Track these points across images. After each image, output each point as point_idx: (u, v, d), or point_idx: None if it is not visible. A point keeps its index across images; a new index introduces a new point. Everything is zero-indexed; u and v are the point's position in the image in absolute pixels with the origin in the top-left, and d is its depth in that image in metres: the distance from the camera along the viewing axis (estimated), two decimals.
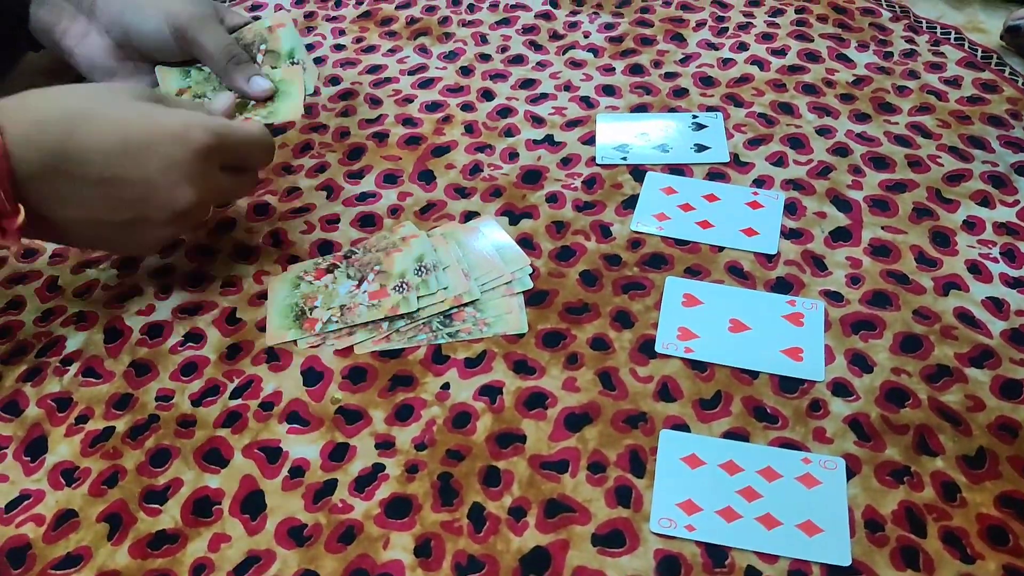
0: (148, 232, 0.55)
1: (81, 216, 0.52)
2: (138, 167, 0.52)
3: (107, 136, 0.51)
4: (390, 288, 0.61)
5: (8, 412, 0.56)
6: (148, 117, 0.54)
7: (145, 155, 0.52)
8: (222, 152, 0.56)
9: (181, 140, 0.53)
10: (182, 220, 0.55)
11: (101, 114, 0.52)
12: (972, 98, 0.78)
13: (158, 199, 0.53)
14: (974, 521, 0.48)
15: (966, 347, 0.57)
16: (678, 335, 0.58)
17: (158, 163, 0.52)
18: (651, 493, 0.50)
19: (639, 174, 0.71)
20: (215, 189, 0.57)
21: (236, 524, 0.50)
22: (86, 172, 0.50)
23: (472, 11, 0.92)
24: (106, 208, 0.52)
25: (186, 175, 0.53)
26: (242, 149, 0.58)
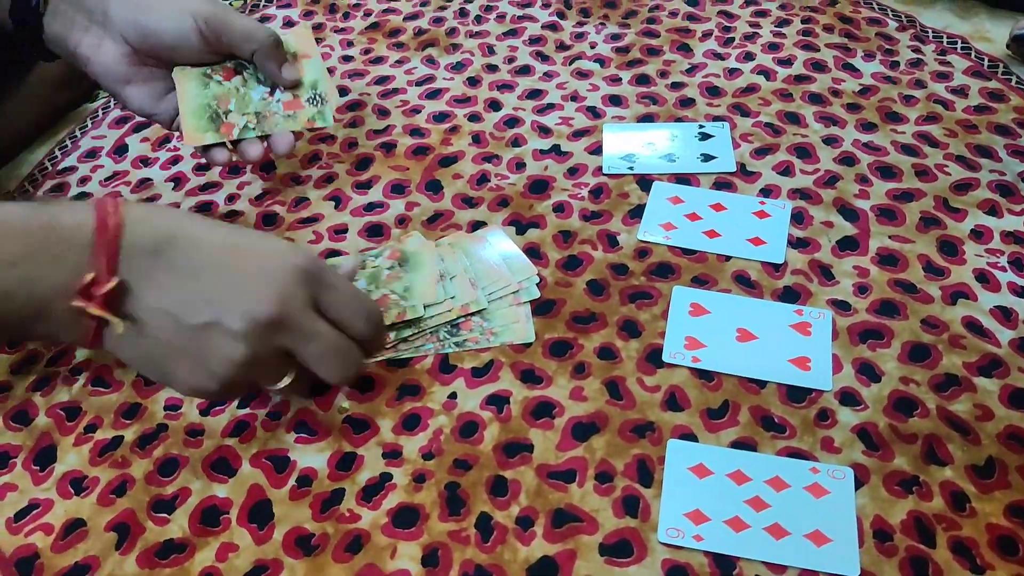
0: (218, 344, 0.48)
1: (164, 305, 0.48)
2: (232, 268, 0.49)
3: (215, 237, 0.50)
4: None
5: (17, 421, 0.56)
6: (257, 234, 0.53)
7: (242, 259, 0.49)
8: (319, 287, 0.50)
9: (280, 255, 0.50)
10: (254, 337, 0.48)
11: (219, 224, 0.52)
12: (979, 107, 0.78)
13: (238, 301, 0.48)
14: (983, 531, 0.48)
15: (974, 356, 0.57)
16: (685, 344, 0.58)
17: (250, 268, 0.49)
18: (659, 503, 0.50)
19: (646, 184, 0.71)
20: (300, 321, 0.49)
21: (244, 533, 0.50)
22: (186, 264, 0.48)
23: (479, 22, 0.93)
24: (189, 303, 0.48)
25: (273, 285, 0.48)
26: (340, 297, 0.51)
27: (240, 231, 0.52)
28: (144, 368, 0.51)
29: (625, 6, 0.94)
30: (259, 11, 0.97)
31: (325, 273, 0.51)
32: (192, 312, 0.47)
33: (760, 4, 0.93)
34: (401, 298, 0.60)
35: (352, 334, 0.51)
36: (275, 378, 0.50)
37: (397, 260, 0.63)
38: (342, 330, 0.51)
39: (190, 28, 0.62)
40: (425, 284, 0.61)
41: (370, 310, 0.53)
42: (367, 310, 0.52)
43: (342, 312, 0.51)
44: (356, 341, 0.51)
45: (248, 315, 0.47)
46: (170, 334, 0.48)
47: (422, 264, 0.62)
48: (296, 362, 0.50)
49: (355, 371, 0.52)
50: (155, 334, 0.48)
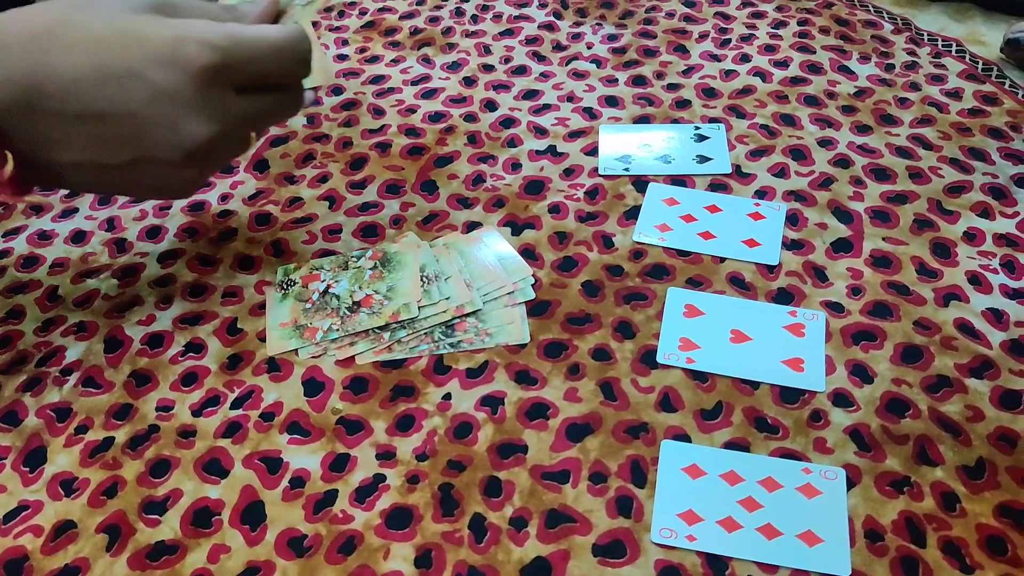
0: (167, 175, 0.45)
1: (75, 159, 0.43)
2: (121, 99, 0.42)
3: (81, 62, 0.42)
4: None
5: (7, 422, 0.56)
6: (130, 35, 0.43)
7: (127, 84, 0.42)
8: (231, 70, 0.45)
9: (171, 61, 0.42)
10: (202, 158, 0.45)
11: (76, 35, 0.43)
12: (973, 110, 0.78)
13: (157, 136, 0.43)
14: (973, 531, 0.48)
15: (966, 358, 0.57)
16: (679, 346, 0.58)
17: (144, 93, 0.42)
18: (652, 503, 0.50)
19: (641, 185, 0.71)
20: (236, 117, 0.45)
21: (236, 535, 0.50)
22: (64, 108, 0.42)
23: (475, 22, 0.93)
24: (99, 149, 0.43)
25: (186, 105, 0.43)
26: (261, 62, 0.46)
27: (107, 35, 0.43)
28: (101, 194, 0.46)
29: (622, 7, 0.94)
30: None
31: (225, 52, 0.44)
32: (110, 155, 0.43)
33: (756, 6, 0.93)
34: (385, 298, 0.60)
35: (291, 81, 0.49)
36: (241, 151, 0.48)
37: (379, 260, 0.63)
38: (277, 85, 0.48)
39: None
40: (408, 283, 0.61)
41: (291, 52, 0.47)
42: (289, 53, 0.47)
43: (275, 76, 0.47)
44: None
45: (177, 147, 0.43)
46: (99, 176, 0.45)
47: (404, 264, 0.63)
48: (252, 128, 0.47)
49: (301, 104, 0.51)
50: (84, 183, 0.45)
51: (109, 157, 0.44)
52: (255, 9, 0.51)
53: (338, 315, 0.59)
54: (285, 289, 0.62)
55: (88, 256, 0.68)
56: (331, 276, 0.63)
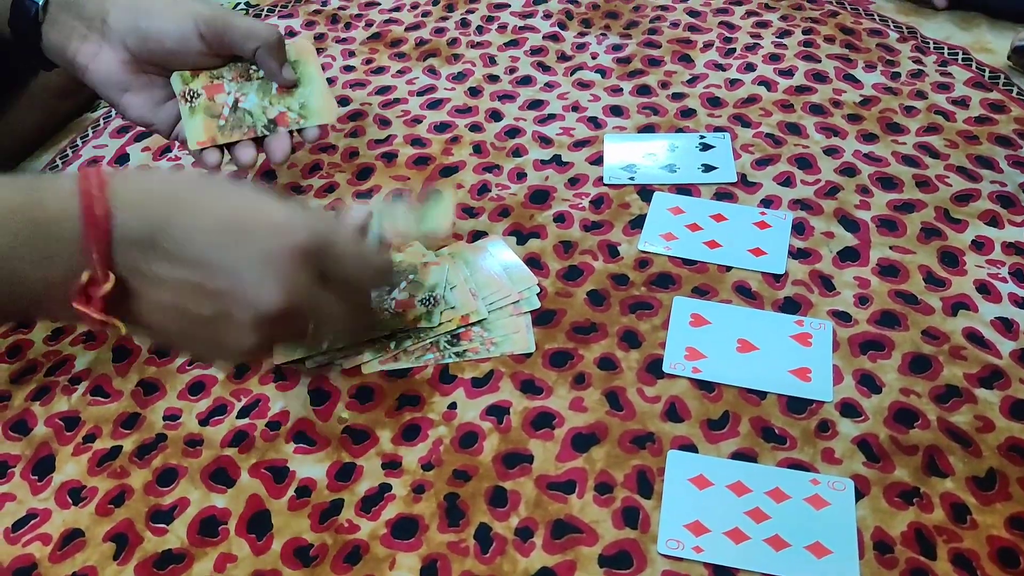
0: (230, 334, 0.47)
1: (167, 301, 0.46)
2: (231, 254, 0.46)
3: (209, 217, 0.47)
4: (418, 300, 0.61)
5: (16, 431, 0.56)
6: (254, 204, 0.49)
7: (241, 242, 0.46)
8: (324, 258, 0.48)
9: (280, 233, 0.47)
10: (267, 328, 0.47)
11: (208, 195, 0.48)
12: (980, 118, 0.78)
13: (243, 294, 0.46)
14: (984, 543, 0.48)
15: (975, 367, 0.57)
16: (686, 355, 0.58)
17: (251, 253, 0.46)
18: (659, 514, 0.50)
19: (646, 194, 0.71)
20: (309, 301, 0.48)
21: (242, 544, 0.50)
22: (183, 253, 0.46)
23: (481, 33, 0.93)
24: (192, 296, 0.46)
25: (276, 273, 0.46)
26: (349, 262, 0.51)
27: (232, 201, 0.49)
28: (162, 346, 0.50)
29: (627, 17, 0.94)
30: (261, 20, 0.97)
31: (329, 244, 0.49)
32: (196, 303, 0.46)
33: (761, 15, 0.93)
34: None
35: (363, 290, 0.53)
36: (298, 339, 0.52)
37: None
38: (352, 287, 0.51)
39: (191, 31, 0.62)
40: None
41: (376, 266, 0.53)
42: (373, 267, 0.52)
43: (349, 276, 0.51)
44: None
45: (255, 309, 0.46)
46: (178, 324, 0.47)
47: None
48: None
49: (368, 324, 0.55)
50: (161, 325, 0.47)
51: (195, 306, 0.46)
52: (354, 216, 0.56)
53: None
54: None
55: None
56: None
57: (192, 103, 0.60)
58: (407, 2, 0.99)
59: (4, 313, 0.47)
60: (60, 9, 0.62)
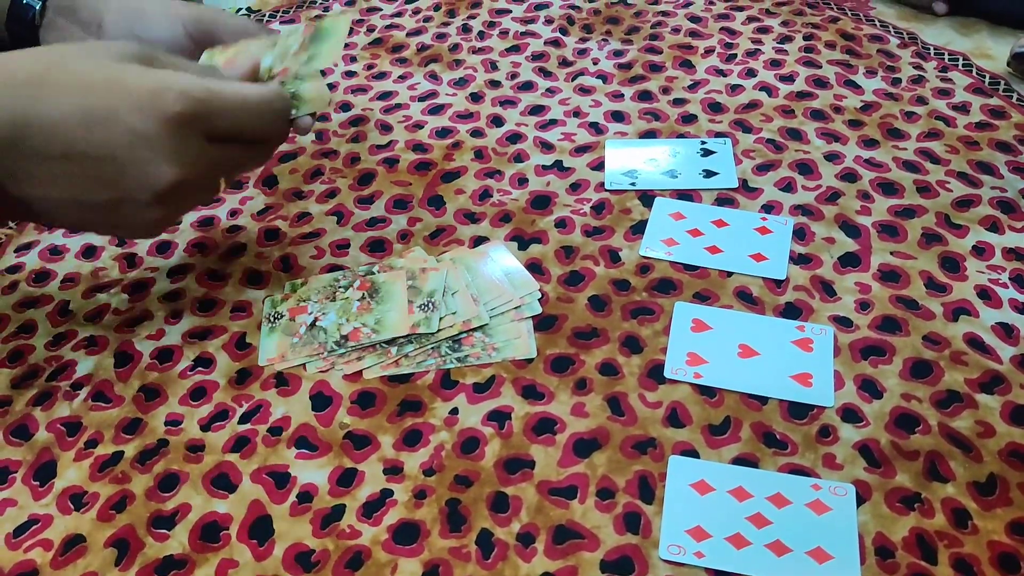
0: (137, 214, 0.47)
1: (54, 196, 0.46)
2: (102, 142, 0.45)
3: (68, 105, 0.44)
4: (416, 305, 0.61)
5: (18, 436, 0.56)
6: (116, 82, 0.46)
7: (108, 127, 0.44)
8: (205, 121, 0.47)
9: (149, 108, 0.45)
10: (172, 200, 0.47)
11: (65, 80, 0.45)
12: (980, 124, 0.78)
13: (131, 178, 0.45)
14: (985, 548, 0.48)
15: (976, 373, 0.57)
16: (687, 360, 0.58)
17: (123, 136, 0.45)
18: (660, 519, 0.50)
19: (648, 199, 0.71)
20: (206, 164, 0.48)
21: (244, 549, 0.50)
22: (49, 147, 0.44)
23: (482, 38, 0.93)
24: (78, 188, 0.45)
25: (158, 150, 0.45)
26: (236, 117, 0.49)
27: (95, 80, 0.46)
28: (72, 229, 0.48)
29: (628, 22, 0.94)
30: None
31: (208, 103, 0.47)
32: (88, 193, 0.45)
33: (762, 21, 0.93)
34: (373, 331, 0.59)
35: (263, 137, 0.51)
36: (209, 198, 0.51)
37: (367, 291, 0.63)
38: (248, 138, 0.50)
39: (182, 36, 0.62)
40: (396, 315, 0.60)
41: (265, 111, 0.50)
42: (266, 112, 0.50)
43: (243, 130, 0.49)
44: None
45: (148, 189, 0.45)
46: (76, 214, 0.47)
47: (392, 294, 0.62)
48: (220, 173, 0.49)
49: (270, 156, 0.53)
50: (62, 219, 0.47)
51: (88, 195, 0.46)
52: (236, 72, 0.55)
53: (325, 350, 0.59)
54: (272, 322, 0.62)
55: (99, 271, 0.68)
56: (318, 308, 0.62)
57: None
58: (409, 7, 0.99)
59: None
60: (57, 13, 0.62)
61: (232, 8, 1.02)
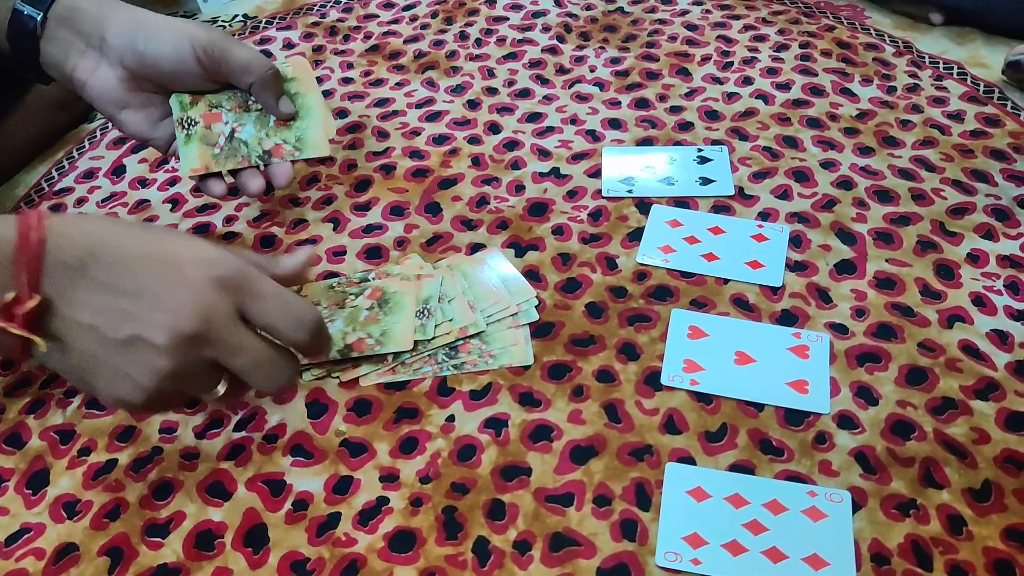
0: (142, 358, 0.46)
1: (85, 321, 0.46)
2: (154, 280, 0.47)
3: (140, 247, 0.48)
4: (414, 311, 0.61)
5: (10, 444, 0.56)
6: (186, 242, 0.50)
7: (165, 270, 0.47)
8: (243, 295, 0.48)
9: (204, 264, 0.48)
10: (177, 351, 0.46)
11: (143, 230, 0.50)
12: (975, 132, 0.78)
13: (159, 315, 0.46)
14: (980, 554, 0.48)
15: (971, 379, 0.57)
16: (684, 367, 0.58)
17: (173, 279, 0.47)
18: (657, 526, 0.49)
19: (644, 207, 0.71)
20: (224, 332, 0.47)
21: (239, 558, 0.49)
22: (108, 277, 0.46)
23: (479, 45, 0.93)
24: (110, 317, 0.46)
25: (194, 297, 0.47)
26: (267, 304, 0.49)
27: (165, 238, 0.50)
28: (70, 378, 0.49)
29: (624, 30, 0.95)
30: (259, 32, 0.98)
31: (250, 281, 0.48)
32: (114, 327, 0.46)
33: (758, 29, 0.94)
34: (376, 343, 0.59)
35: (284, 342, 0.50)
36: (205, 388, 0.49)
37: (377, 300, 0.62)
38: (273, 338, 0.49)
39: (189, 55, 0.62)
40: (402, 329, 0.60)
41: (301, 317, 0.50)
42: (298, 317, 0.50)
43: (270, 321, 0.49)
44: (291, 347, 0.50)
45: (169, 329, 0.46)
46: (93, 348, 0.47)
47: (402, 306, 0.61)
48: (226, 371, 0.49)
49: (286, 381, 0.50)
50: (78, 347, 0.47)
51: (112, 329, 0.46)
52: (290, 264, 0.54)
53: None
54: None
55: None
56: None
57: (189, 131, 0.60)
58: (406, 15, 0.99)
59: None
60: (58, 24, 0.62)
61: (229, 15, 1.03)
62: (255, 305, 0.48)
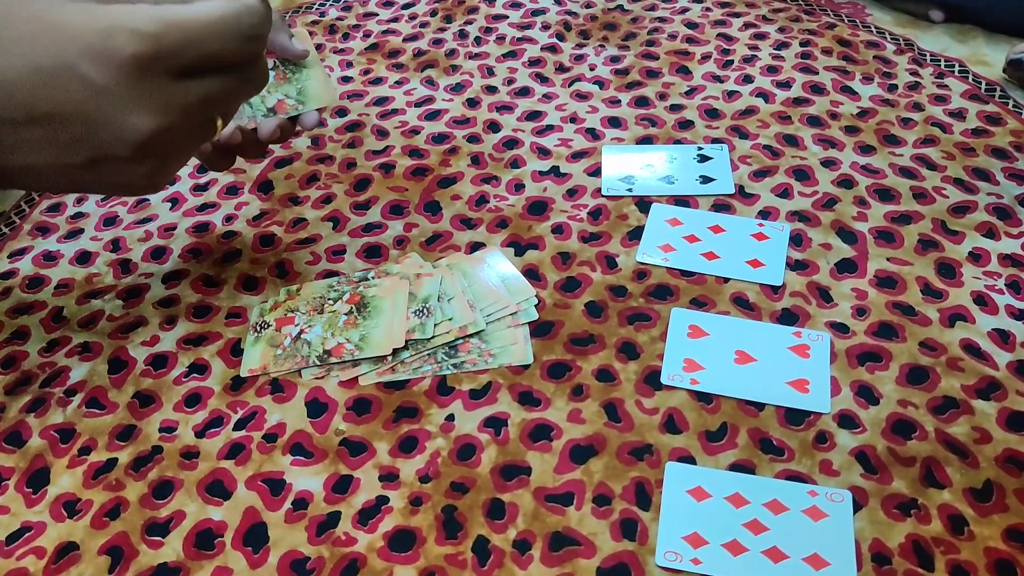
0: (122, 170, 0.43)
1: (34, 163, 0.42)
2: (63, 98, 0.40)
3: (17, 64, 0.40)
4: (411, 311, 0.61)
5: (11, 443, 0.56)
6: (61, 29, 0.41)
7: (64, 82, 0.40)
8: (166, 57, 0.41)
9: (102, 54, 0.40)
10: (158, 151, 0.42)
11: (10, 35, 0.41)
12: (976, 130, 0.78)
13: (104, 134, 0.41)
14: (982, 555, 0.48)
15: (972, 379, 0.57)
16: (684, 367, 0.58)
17: (82, 90, 0.40)
18: (657, 526, 0.49)
19: (644, 205, 0.71)
20: (184, 104, 0.42)
21: (239, 557, 0.49)
22: (8, 112, 0.40)
23: (479, 44, 0.93)
24: (55, 151, 0.41)
25: (123, 100, 0.40)
26: (200, 44, 0.42)
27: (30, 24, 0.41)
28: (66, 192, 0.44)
29: (624, 28, 0.94)
30: None
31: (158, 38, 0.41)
32: (67, 154, 0.42)
33: (759, 27, 0.94)
34: (356, 348, 0.59)
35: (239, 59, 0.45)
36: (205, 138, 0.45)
37: (355, 305, 0.62)
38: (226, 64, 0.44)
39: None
40: (382, 334, 0.60)
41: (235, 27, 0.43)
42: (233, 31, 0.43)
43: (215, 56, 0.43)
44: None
45: (128, 142, 0.41)
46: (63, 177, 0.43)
47: (381, 311, 0.61)
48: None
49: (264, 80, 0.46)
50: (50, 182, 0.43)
51: (67, 158, 0.42)
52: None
53: (308, 364, 0.59)
54: (258, 332, 0.62)
55: (93, 277, 0.68)
56: (305, 320, 0.62)
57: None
58: (405, 13, 0.99)
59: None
60: None
61: None
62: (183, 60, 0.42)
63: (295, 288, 0.64)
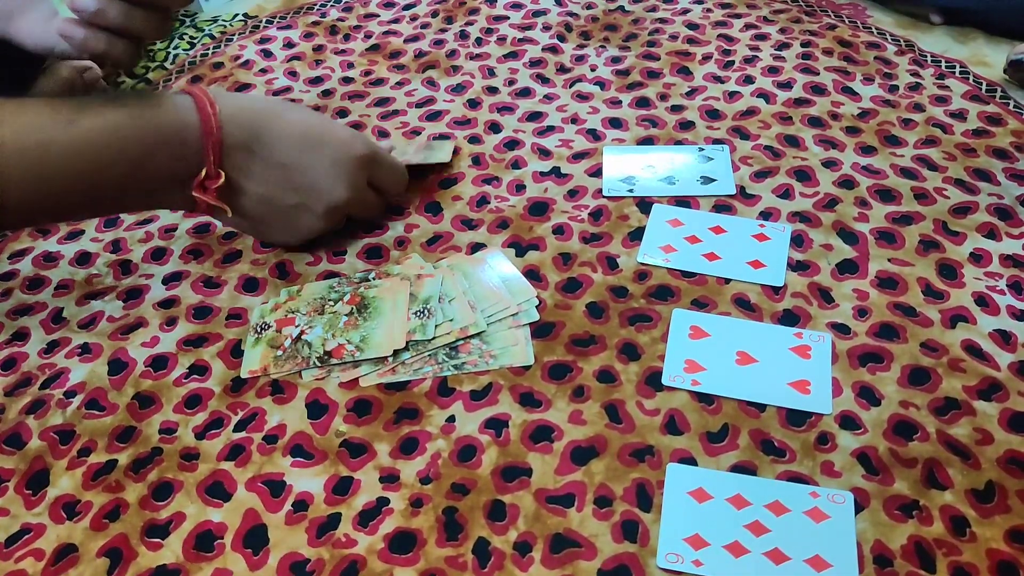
0: (304, 220, 0.64)
1: (260, 192, 0.62)
2: (311, 159, 0.62)
3: (292, 129, 0.62)
4: (412, 312, 0.61)
5: (10, 445, 0.56)
6: (325, 122, 0.66)
7: (319, 150, 0.62)
8: (373, 167, 0.66)
9: (347, 145, 0.64)
10: (331, 215, 0.65)
11: (288, 112, 0.63)
12: (977, 131, 0.78)
13: (320, 190, 0.63)
14: (984, 556, 0.48)
15: (974, 380, 0.57)
16: (685, 367, 0.58)
17: (327, 159, 0.62)
18: (658, 527, 0.49)
19: (645, 206, 0.71)
20: (360, 196, 0.66)
21: (238, 559, 0.49)
22: (272, 155, 0.61)
23: (480, 44, 0.93)
24: (280, 189, 0.62)
25: (344, 175, 0.63)
26: (386, 171, 0.68)
27: (311, 120, 0.64)
28: (240, 230, 0.69)
29: (625, 29, 0.94)
30: (260, 31, 0.98)
31: (377, 156, 0.66)
32: (284, 196, 0.63)
33: (760, 28, 0.93)
34: (357, 348, 0.59)
35: (388, 193, 0.70)
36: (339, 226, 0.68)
37: (356, 306, 0.62)
38: (383, 191, 0.69)
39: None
40: (383, 335, 0.60)
41: (402, 174, 0.70)
42: (401, 174, 0.70)
43: (386, 183, 0.69)
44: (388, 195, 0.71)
45: (327, 201, 0.64)
46: (265, 211, 0.64)
47: (381, 312, 0.61)
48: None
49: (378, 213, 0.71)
50: (253, 212, 0.63)
51: (284, 198, 0.63)
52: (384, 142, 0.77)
53: (308, 365, 0.59)
54: (259, 333, 0.62)
55: (93, 278, 0.68)
56: (306, 321, 0.62)
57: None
58: (406, 14, 0.99)
59: (131, 202, 0.62)
60: None
61: (229, 14, 1.02)
62: (380, 172, 0.67)
63: (296, 289, 0.64)
